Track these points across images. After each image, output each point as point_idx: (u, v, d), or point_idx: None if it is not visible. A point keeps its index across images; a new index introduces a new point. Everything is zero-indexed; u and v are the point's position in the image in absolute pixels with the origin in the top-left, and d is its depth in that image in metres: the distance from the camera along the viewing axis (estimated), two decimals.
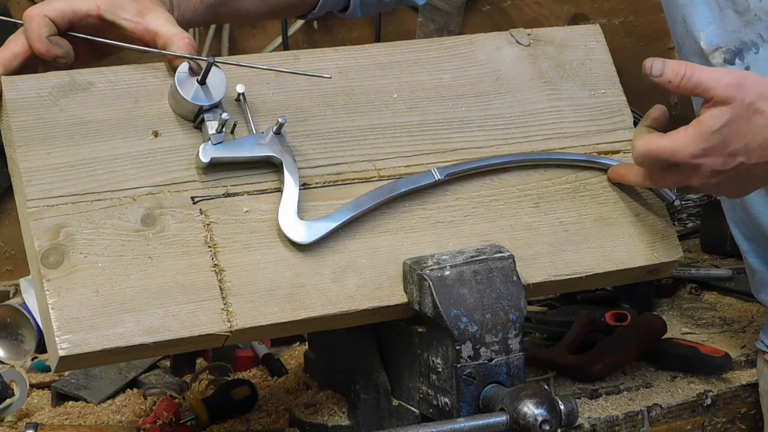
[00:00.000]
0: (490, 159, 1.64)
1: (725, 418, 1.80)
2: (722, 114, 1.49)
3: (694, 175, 1.52)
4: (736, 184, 1.55)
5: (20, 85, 1.50)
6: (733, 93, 1.49)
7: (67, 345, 1.40)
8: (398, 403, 1.59)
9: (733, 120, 1.49)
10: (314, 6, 1.83)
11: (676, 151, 1.51)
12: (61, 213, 1.46)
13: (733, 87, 1.49)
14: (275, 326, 1.49)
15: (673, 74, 1.52)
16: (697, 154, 1.50)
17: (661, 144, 1.52)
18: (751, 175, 1.52)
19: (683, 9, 1.75)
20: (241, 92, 1.56)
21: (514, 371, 1.51)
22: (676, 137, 1.52)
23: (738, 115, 1.49)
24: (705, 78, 1.50)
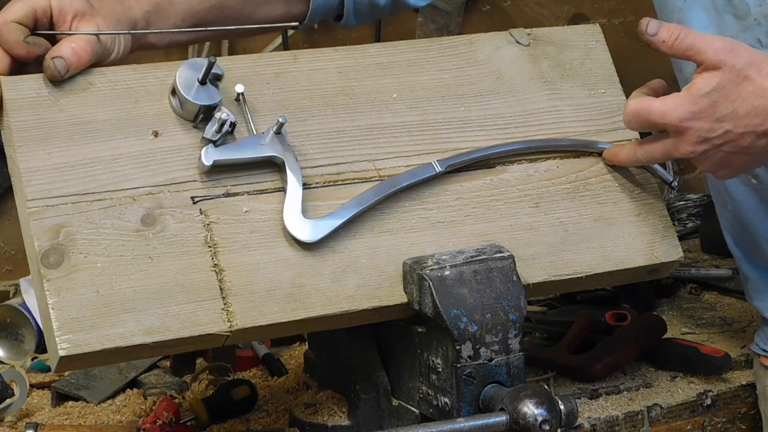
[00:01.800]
0: (490, 149, 1.64)
1: (725, 418, 1.80)
2: (712, 77, 1.50)
3: (681, 141, 1.53)
4: (723, 158, 1.54)
5: (20, 85, 1.50)
6: (725, 57, 1.50)
7: (67, 345, 1.40)
8: (398, 403, 1.59)
9: (723, 84, 1.50)
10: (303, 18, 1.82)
11: (665, 113, 1.52)
12: (61, 213, 1.45)
13: (725, 52, 1.50)
14: (275, 326, 1.49)
15: (668, 34, 1.53)
16: (685, 117, 1.51)
17: (653, 105, 1.54)
18: (738, 146, 1.52)
19: (679, 14, 1.75)
20: (240, 92, 1.56)
21: (514, 371, 1.51)
22: (666, 99, 1.54)
23: (728, 79, 1.50)
24: (698, 41, 1.51)
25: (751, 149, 1.52)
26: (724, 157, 1.54)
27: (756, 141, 1.52)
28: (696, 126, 1.51)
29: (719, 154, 1.54)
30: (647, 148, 1.59)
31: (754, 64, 1.51)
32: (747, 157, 1.54)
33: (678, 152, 1.55)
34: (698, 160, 1.56)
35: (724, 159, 1.54)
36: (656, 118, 1.53)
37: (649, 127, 1.56)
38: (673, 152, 1.56)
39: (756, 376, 1.83)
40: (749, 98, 1.50)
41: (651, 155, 1.60)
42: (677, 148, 1.54)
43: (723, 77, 1.50)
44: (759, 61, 1.51)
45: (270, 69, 1.62)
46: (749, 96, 1.50)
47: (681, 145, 1.53)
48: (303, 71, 1.64)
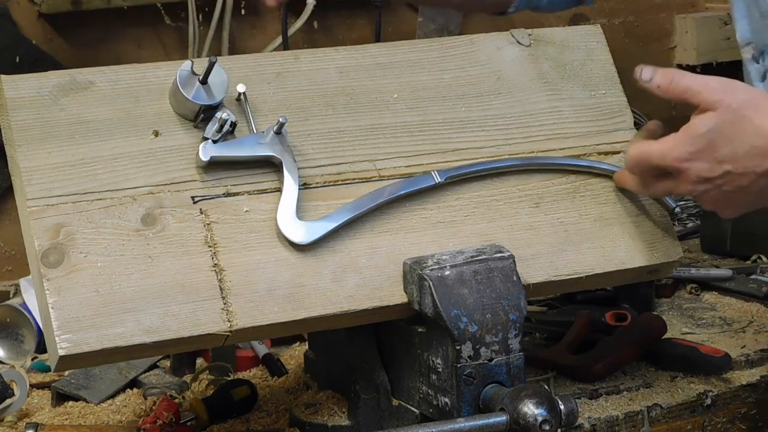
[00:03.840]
0: (490, 163, 1.64)
1: (725, 418, 1.80)
2: (710, 118, 1.49)
3: (682, 181, 1.52)
4: (725, 197, 1.53)
5: (21, 84, 1.51)
6: (721, 97, 1.49)
7: (67, 344, 1.40)
8: (398, 403, 1.59)
9: (721, 124, 1.49)
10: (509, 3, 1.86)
11: (664, 154, 1.52)
12: (61, 212, 1.45)
13: (721, 91, 1.49)
14: (275, 326, 1.49)
15: (662, 79, 1.53)
16: (684, 158, 1.50)
17: (651, 148, 1.53)
18: (739, 187, 1.51)
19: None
20: (241, 92, 1.56)
21: (514, 371, 1.51)
22: (665, 141, 1.53)
23: (725, 120, 1.49)
24: (693, 83, 1.51)
25: (753, 188, 1.51)
26: (726, 195, 1.53)
27: (757, 180, 1.50)
28: (695, 167, 1.50)
29: (721, 195, 1.52)
30: (650, 183, 1.58)
31: (751, 103, 1.49)
32: (749, 196, 1.53)
33: (678, 191, 1.55)
34: (700, 199, 1.55)
35: (727, 197, 1.53)
36: (656, 160, 1.52)
37: (652, 171, 1.55)
38: (674, 190, 1.56)
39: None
40: (748, 138, 1.49)
41: (654, 192, 1.61)
42: (678, 187, 1.54)
43: (720, 117, 1.49)
44: (756, 99, 1.50)
45: (271, 69, 1.62)
46: (748, 136, 1.49)
47: (681, 184, 1.53)
48: (304, 71, 1.64)
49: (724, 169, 1.50)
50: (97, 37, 2.18)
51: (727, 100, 1.49)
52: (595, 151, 1.72)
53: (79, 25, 2.16)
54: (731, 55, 2.65)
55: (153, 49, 2.22)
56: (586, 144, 1.71)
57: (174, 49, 2.23)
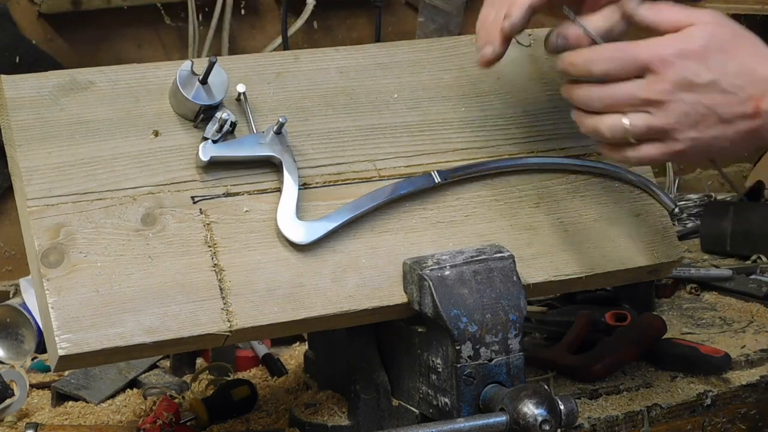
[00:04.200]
0: (489, 163, 1.64)
1: (725, 418, 1.80)
2: (707, 26, 1.41)
3: (658, 80, 1.39)
4: (696, 116, 1.40)
5: (21, 84, 1.51)
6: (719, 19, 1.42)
7: (66, 344, 1.40)
8: (398, 403, 1.59)
9: (718, 34, 1.41)
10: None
11: (651, 47, 1.40)
12: (61, 212, 1.46)
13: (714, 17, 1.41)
14: (275, 326, 1.49)
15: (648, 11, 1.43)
16: (673, 53, 1.40)
17: (637, 42, 1.41)
18: (714, 105, 1.39)
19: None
20: (241, 92, 1.56)
21: (514, 371, 1.51)
22: (652, 38, 1.42)
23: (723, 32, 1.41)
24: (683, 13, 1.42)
25: (726, 115, 1.40)
26: (698, 114, 1.40)
27: (734, 107, 1.40)
28: (681, 64, 1.39)
29: (693, 108, 1.40)
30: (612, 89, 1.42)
31: (746, 30, 1.43)
32: (717, 126, 1.40)
33: (648, 93, 1.40)
34: (667, 109, 1.40)
35: (696, 117, 1.40)
36: (642, 53, 1.40)
37: (623, 69, 1.41)
38: (640, 93, 1.40)
39: None
40: (743, 56, 1.40)
41: (612, 95, 1.42)
42: (649, 88, 1.40)
43: (718, 29, 1.41)
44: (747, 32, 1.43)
45: (271, 69, 1.62)
46: (743, 54, 1.40)
47: (656, 83, 1.39)
48: (304, 71, 1.64)
49: (711, 77, 1.39)
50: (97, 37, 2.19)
51: (723, 19, 1.42)
52: (595, 151, 1.72)
53: (79, 25, 2.16)
54: None
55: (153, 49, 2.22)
56: (585, 144, 1.71)
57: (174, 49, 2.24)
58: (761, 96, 1.40)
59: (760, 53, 1.42)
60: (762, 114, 1.40)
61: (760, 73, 1.41)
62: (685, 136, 1.42)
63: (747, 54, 1.42)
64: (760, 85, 1.40)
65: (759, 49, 1.43)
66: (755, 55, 1.42)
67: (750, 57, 1.41)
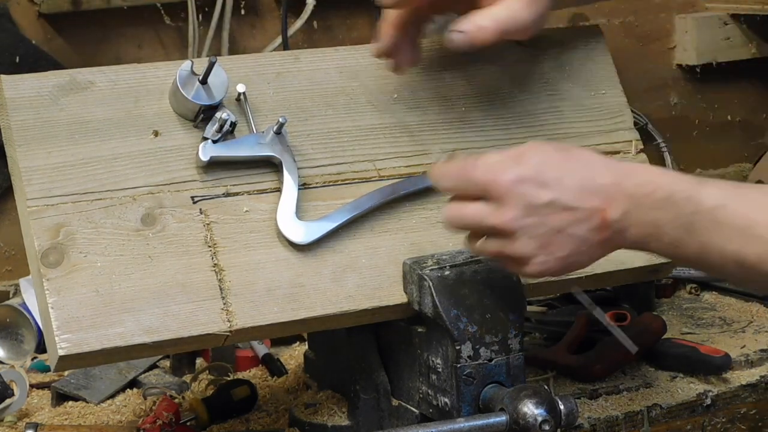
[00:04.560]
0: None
1: (725, 418, 1.80)
2: (539, 145, 1.42)
3: (504, 207, 1.38)
4: (546, 238, 1.38)
5: (20, 84, 1.51)
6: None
7: (66, 344, 1.40)
8: (398, 403, 1.59)
9: (551, 152, 1.40)
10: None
11: (489, 169, 1.40)
12: (61, 212, 1.46)
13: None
14: (275, 326, 1.49)
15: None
16: (511, 178, 1.38)
17: (476, 161, 1.41)
18: (561, 224, 1.38)
19: None
20: (241, 92, 1.56)
21: (514, 371, 1.51)
22: (490, 156, 1.42)
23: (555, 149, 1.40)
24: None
25: (576, 231, 1.38)
26: (547, 235, 1.38)
27: (580, 223, 1.38)
28: (520, 189, 1.37)
29: (541, 231, 1.38)
30: (463, 209, 1.43)
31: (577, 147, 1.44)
32: (570, 243, 1.39)
33: (495, 219, 1.39)
34: (517, 239, 1.39)
35: (547, 238, 1.38)
36: (481, 174, 1.39)
37: (469, 190, 1.41)
38: (489, 219, 1.40)
39: None
40: (577, 170, 1.38)
41: (463, 216, 1.43)
42: (497, 215, 1.39)
43: (549, 146, 1.41)
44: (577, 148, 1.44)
45: (271, 69, 1.62)
46: (578, 167, 1.39)
47: (503, 211, 1.38)
48: (304, 71, 1.64)
49: (551, 197, 1.37)
50: (97, 37, 2.18)
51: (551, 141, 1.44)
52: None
53: (79, 25, 2.16)
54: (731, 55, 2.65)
55: (153, 49, 2.22)
56: (586, 144, 1.71)
57: (174, 49, 2.23)
58: (606, 206, 1.37)
59: (595, 164, 1.40)
60: (611, 224, 1.38)
61: (599, 183, 1.38)
62: (540, 260, 1.40)
63: (582, 167, 1.39)
64: (601, 195, 1.38)
65: (593, 160, 1.40)
66: (590, 166, 1.40)
67: (586, 169, 1.39)
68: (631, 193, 1.37)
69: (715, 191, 1.35)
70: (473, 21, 1.54)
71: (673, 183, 1.36)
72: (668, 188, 1.36)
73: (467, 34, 1.54)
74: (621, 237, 1.39)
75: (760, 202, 1.34)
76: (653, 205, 1.36)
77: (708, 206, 1.34)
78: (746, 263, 1.33)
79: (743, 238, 1.32)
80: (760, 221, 1.32)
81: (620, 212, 1.37)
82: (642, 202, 1.36)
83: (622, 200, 1.37)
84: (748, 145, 2.77)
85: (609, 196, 1.37)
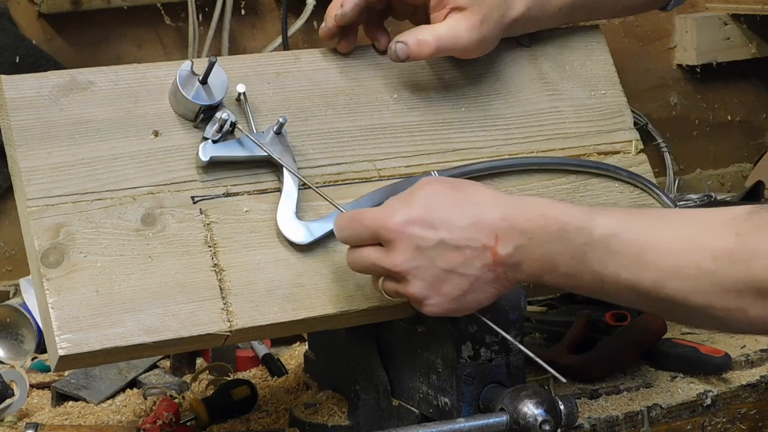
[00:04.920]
0: (489, 162, 1.64)
1: (725, 418, 1.80)
2: (426, 183, 1.43)
3: (395, 250, 1.39)
4: (439, 279, 1.39)
5: (21, 84, 1.51)
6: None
7: (66, 344, 1.40)
8: (398, 403, 1.59)
9: (437, 190, 1.41)
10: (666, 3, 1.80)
11: (377, 216, 1.41)
12: (61, 212, 1.46)
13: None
14: (275, 326, 1.49)
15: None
16: (399, 222, 1.39)
17: (366, 210, 1.44)
18: (452, 265, 1.38)
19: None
20: (241, 92, 1.56)
21: (514, 371, 1.51)
22: (382, 206, 1.45)
23: (441, 187, 1.41)
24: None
25: (467, 270, 1.39)
26: (439, 276, 1.39)
27: (472, 261, 1.38)
28: (409, 232, 1.38)
29: (433, 273, 1.39)
30: (358, 253, 1.44)
31: (462, 181, 1.45)
32: (463, 282, 1.39)
33: (388, 262, 1.40)
34: (411, 283, 1.40)
35: (440, 279, 1.39)
36: (369, 221, 1.41)
37: (362, 236, 1.42)
38: (382, 262, 1.41)
39: None
40: (465, 208, 1.39)
41: (359, 260, 1.44)
42: (389, 258, 1.40)
43: (437, 184, 1.42)
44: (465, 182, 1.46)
45: (271, 69, 1.62)
46: (465, 205, 1.39)
47: (394, 254, 1.39)
48: (304, 71, 1.64)
49: (439, 237, 1.38)
50: (97, 37, 2.18)
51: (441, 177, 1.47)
52: (595, 151, 1.72)
53: (79, 25, 2.16)
54: (731, 55, 2.66)
55: (153, 49, 2.22)
56: (586, 144, 1.71)
57: (174, 49, 2.23)
58: (495, 243, 1.38)
59: (483, 200, 1.40)
60: (503, 259, 1.38)
61: (487, 219, 1.38)
62: (434, 301, 1.41)
63: (470, 204, 1.39)
64: (489, 231, 1.38)
65: (482, 196, 1.41)
66: (479, 202, 1.40)
67: (474, 206, 1.39)
68: (522, 228, 1.37)
69: (607, 220, 1.36)
70: (415, 34, 1.60)
71: (564, 215, 1.37)
72: (559, 220, 1.36)
73: (408, 46, 1.59)
74: (515, 272, 1.39)
75: (652, 228, 1.34)
76: (546, 238, 1.37)
77: (599, 236, 1.35)
78: (640, 290, 1.34)
79: (636, 266, 1.33)
80: (652, 248, 1.32)
81: (512, 247, 1.38)
82: (534, 235, 1.37)
83: (513, 235, 1.38)
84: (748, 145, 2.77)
85: (499, 233, 1.38)
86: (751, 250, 1.27)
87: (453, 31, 1.61)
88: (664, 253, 1.32)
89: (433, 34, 1.60)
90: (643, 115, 2.51)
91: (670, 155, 2.57)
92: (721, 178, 2.77)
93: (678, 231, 1.33)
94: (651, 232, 1.34)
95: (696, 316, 1.34)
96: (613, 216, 1.37)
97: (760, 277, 1.27)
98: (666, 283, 1.32)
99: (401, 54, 1.60)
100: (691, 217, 1.36)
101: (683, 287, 1.31)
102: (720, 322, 1.32)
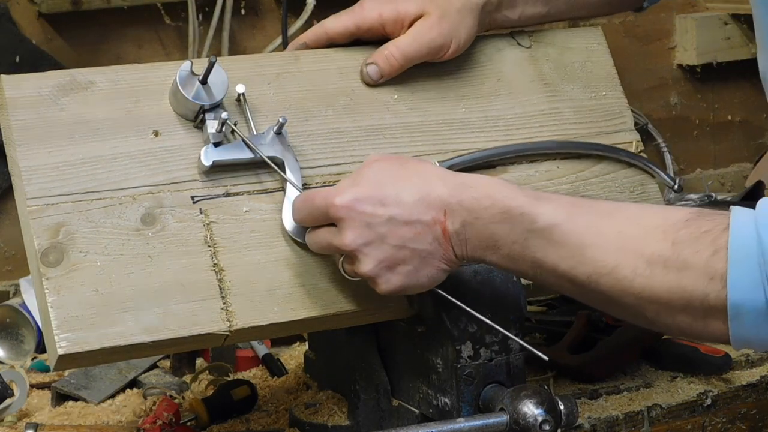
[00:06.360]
0: (490, 150, 1.64)
1: (725, 418, 1.80)
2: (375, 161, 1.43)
3: (346, 228, 1.39)
4: (390, 256, 1.39)
5: (21, 84, 1.51)
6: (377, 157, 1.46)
7: (66, 343, 1.40)
8: (398, 403, 1.59)
9: (386, 167, 1.42)
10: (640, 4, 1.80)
11: (328, 195, 1.41)
12: (60, 212, 1.46)
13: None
14: (275, 326, 1.49)
15: None
16: (348, 200, 1.39)
17: (318, 190, 1.45)
18: (402, 241, 1.38)
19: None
20: (241, 92, 1.56)
21: (514, 371, 1.51)
22: (334, 186, 1.44)
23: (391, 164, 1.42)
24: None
25: (418, 245, 1.39)
26: (391, 254, 1.39)
27: (421, 236, 1.38)
28: (358, 209, 1.38)
29: (385, 250, 1.39)
30: (313, 234, 1.46)
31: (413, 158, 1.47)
32: (413, 259, 1.39)
33: (341, 242, 1.40)
34: (364, 261, 1.40)
35: (391, 256, 1.39)
36: (320, 201, 1.42)
37: (315, 216, 1.44)
38: (335, 242, 1.41)
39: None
40: (414, 183, 1.39)
41: (315, 240, 1.46)
42: (341, 237, 1.40)
43: (385, 161, 1.43)
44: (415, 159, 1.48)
45: (271, 69, 1.62)
46: (414, 180, 1.39)
47: (345, 233, 1.39)
48: (304, 71, 1.64)
49: (389, 214, 1.38)
50: (97, 37, 2.19)
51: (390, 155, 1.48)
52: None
53: (79, 25, 2.16)
54: (731, 55, 2.66)
55: (153, 49, 2.22)
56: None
57: (174, 49, 2.24)
58: (444, 217, 1.38)
59: (431, 176, 1.40)
60: (452, 234, 1.39)
61: (435, 195, 1.39)
62: (385, 278, 1.41)
63: (419, 179, 1.40)
64: (438, 206, 1.38)
65: (430, 172, 1.41)
66: (427, 178, 1.40)
67: (422, 182, 1.39)
68: (469, 206, 1.38)
69: (551, 210, 1.36)
70: (381, 52, 1.64)
71: (510, 198, 1.37)
72: (505, 203, 1.37)
73: (377, 65, 1.63)
74: (463, 248, 1.40)
75: (595, 224, 1.34)
76: (491, 219, 1.37)
77: (542, 225, 1.35)
78: (576, 282, 1.35)
79: (574, 259, 1.34)
80: (591, 244, 1.33)
81: (459, 224, 1.38)
82: (480, 215, 1.37)
83: (461, 212, 1.38)
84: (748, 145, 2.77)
85: (447, 208, 1.38)
86: (683, 261, 1.28)
87: (414, 36, 1.63)
88: (602, 251, 1.32)
89: (396, 45, 1.63)
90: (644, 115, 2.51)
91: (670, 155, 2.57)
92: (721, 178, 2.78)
93: (619, 231, 1.33)
94: (593, 227, 1.34)
95: (628, 314, 1.35)
96: (558, 205, 1.37)
97: (689, 288, 1.27)
98: (601, 279, 1.33)
99: (374, 75, 1.63)
100: (636, 215, 1.35)
101: (616, 286, 1.32)
102: (650, 322, 1.33)
